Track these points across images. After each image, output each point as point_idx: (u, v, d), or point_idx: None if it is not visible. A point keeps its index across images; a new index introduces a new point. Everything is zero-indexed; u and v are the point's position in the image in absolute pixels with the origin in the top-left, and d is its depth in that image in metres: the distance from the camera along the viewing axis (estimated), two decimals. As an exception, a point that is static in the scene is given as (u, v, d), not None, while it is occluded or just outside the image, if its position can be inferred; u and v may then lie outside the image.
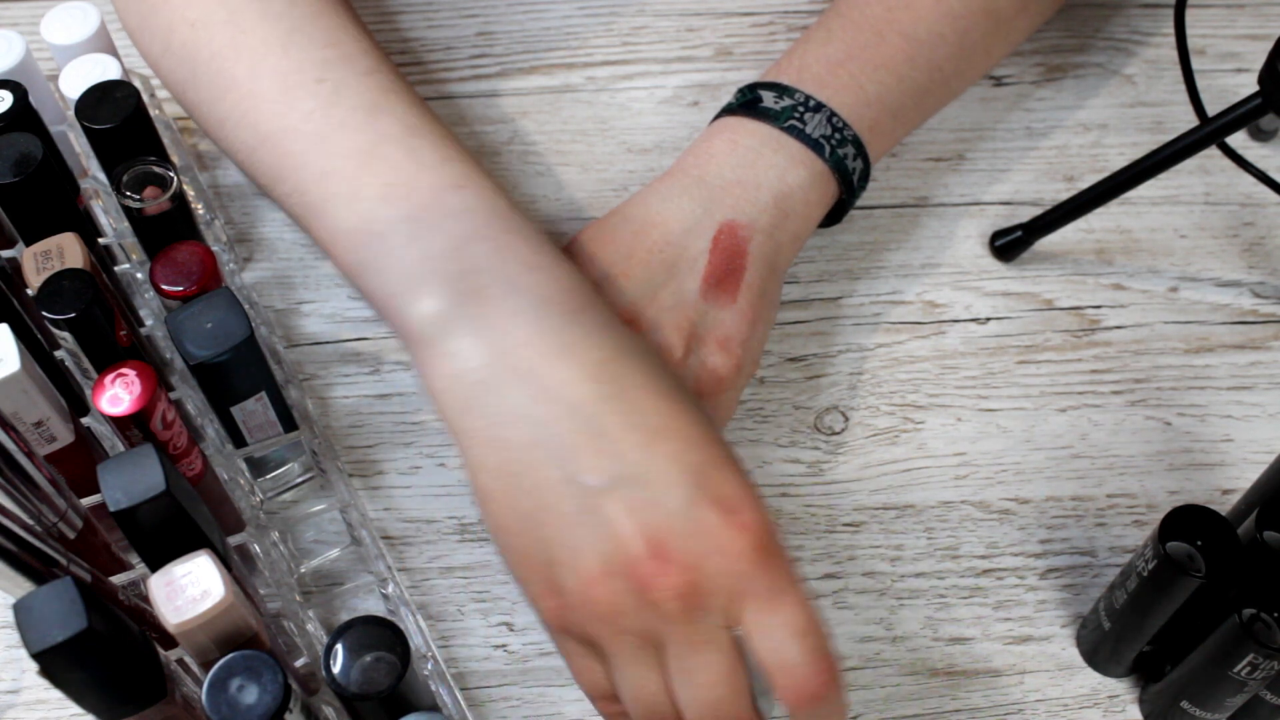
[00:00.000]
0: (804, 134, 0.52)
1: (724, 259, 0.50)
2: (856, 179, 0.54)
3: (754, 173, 0.52)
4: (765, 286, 0.51)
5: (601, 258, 0.50)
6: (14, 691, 0.49)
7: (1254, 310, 0.60)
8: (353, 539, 0.52)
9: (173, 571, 0.38)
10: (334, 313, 0.59)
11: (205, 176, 0.63)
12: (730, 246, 0.50)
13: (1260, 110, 0.51)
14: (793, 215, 0.52)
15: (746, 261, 0.50)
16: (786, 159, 0.52)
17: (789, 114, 0.53)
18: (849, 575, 0.52)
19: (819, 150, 0.52)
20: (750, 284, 0.50)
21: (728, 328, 0.49)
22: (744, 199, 0.51)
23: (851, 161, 0.53)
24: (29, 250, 0.46)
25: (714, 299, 0.49)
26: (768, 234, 0.51)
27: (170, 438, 0.44)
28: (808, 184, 0.52)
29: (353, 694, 0.38)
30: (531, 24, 0.69)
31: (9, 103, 0.49)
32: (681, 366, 0.48)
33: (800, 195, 0.52)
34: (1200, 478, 0.55)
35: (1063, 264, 0.61)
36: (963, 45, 0.57)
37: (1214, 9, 0.70)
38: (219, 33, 0.49)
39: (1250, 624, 0.42)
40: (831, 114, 0.53)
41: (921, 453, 0.55)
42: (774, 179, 0.52)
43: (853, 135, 0.53)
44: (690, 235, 0.50)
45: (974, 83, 0.61)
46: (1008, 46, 0.60)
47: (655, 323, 0.49)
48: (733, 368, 0.49)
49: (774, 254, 0.51)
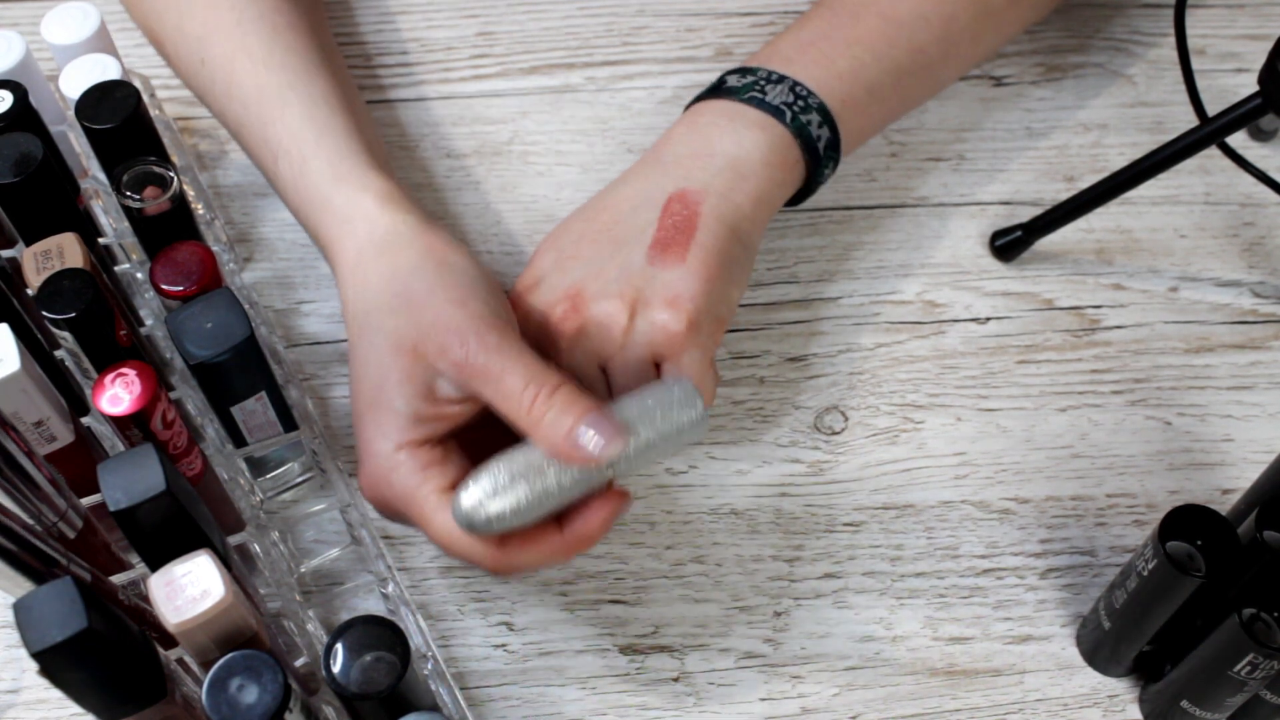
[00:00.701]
0: (763, 102, 0.53)
1: (672, 223, 0.50)
2: (823, 147, 0.53)
3: (708, 143, 0.52)
4: (723, 246, 0.50)
5: (555, 249, 0.51)
6: (14, 691, 0.49)
7: (1254, 310, 0.60)
8: (353, 539, 0.52)
9: (173, 571, 0.38)
10: (334, 313, 0.59)
11: (205, 176, 0.63)
12: (679, 212, 0.50)
13: (1260, 110, 0.51)
14: (750, 176, 0.52)
15: (698, 222, 0.50)
16: (744, 125, 0.52)
17: (749, 88, 0.53)
18: (849, 575, 0.52)
19: (779, 116, 0.52)
20: (702, 243, 0.49)
21: (676, 287, 0.48)
22: (695, 167, 0.51)
23: (816, 129, 0.53)
24: (29, 250, 0.46)
25: (662, 262, 0.49)
26: (722, 195, 0.51)
27: (170, 438, 0.44)
28: (765, 146, 0.52)
29: (353, 694, 0.38)
30: (531, 24, 0.69)
31: (9, 103, 0.49)
32: (628, 333, 0.48)
33: (757, 156, 0.52)
34: (1200, 478, 0.55)
35: (1063, 264, 0.61)
36: (948, 30, 0.57)
37: (1214, 9, 0.70)
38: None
39: (1250, 624, 0.42)
40: (795, 84, 0.53)
41: (921, 453, 0.55)
42: (729, 145, 0.52)
43: (818, 103, 0.53)
44: (639, 210, 0.51)
45: (965, 71, 0.61)
46: (999, 36, 0.60)
47: (599, 294, 0.49)
48: (684, 323, 0.48)
49: (732, 214, 0.51)
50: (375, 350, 0.46)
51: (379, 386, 0.45)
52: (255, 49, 0.52)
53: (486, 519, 0.42)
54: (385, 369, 0.45)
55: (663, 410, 0.44)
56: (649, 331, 0.48)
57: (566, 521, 0.44)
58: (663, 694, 0.49)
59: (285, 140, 0.51)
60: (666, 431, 0.44)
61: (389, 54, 0.68)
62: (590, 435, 0.42)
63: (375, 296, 0.47)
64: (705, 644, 0.51)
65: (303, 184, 0.50)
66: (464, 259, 0.47)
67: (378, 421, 0.45)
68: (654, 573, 0.52)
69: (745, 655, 0.50)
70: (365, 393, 0.46)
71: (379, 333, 0.46)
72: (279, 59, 0.52)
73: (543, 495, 0.42)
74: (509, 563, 0.44)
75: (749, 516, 0.54)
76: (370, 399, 0.46)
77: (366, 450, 0.46)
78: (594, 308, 0.49)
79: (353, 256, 0.48)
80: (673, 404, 0.44)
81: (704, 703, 0.49)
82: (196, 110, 0.65)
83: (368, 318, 0.47)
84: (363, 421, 0.46)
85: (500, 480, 0.42)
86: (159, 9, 0.56)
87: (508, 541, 0.44)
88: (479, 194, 0.63)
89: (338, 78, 0.54)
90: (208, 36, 0.54)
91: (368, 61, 0.68)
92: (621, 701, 0.49)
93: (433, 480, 0.44)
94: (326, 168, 0.50)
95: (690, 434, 0.44)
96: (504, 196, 0.63)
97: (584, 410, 0.42)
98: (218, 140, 0.64)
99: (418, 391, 0.45)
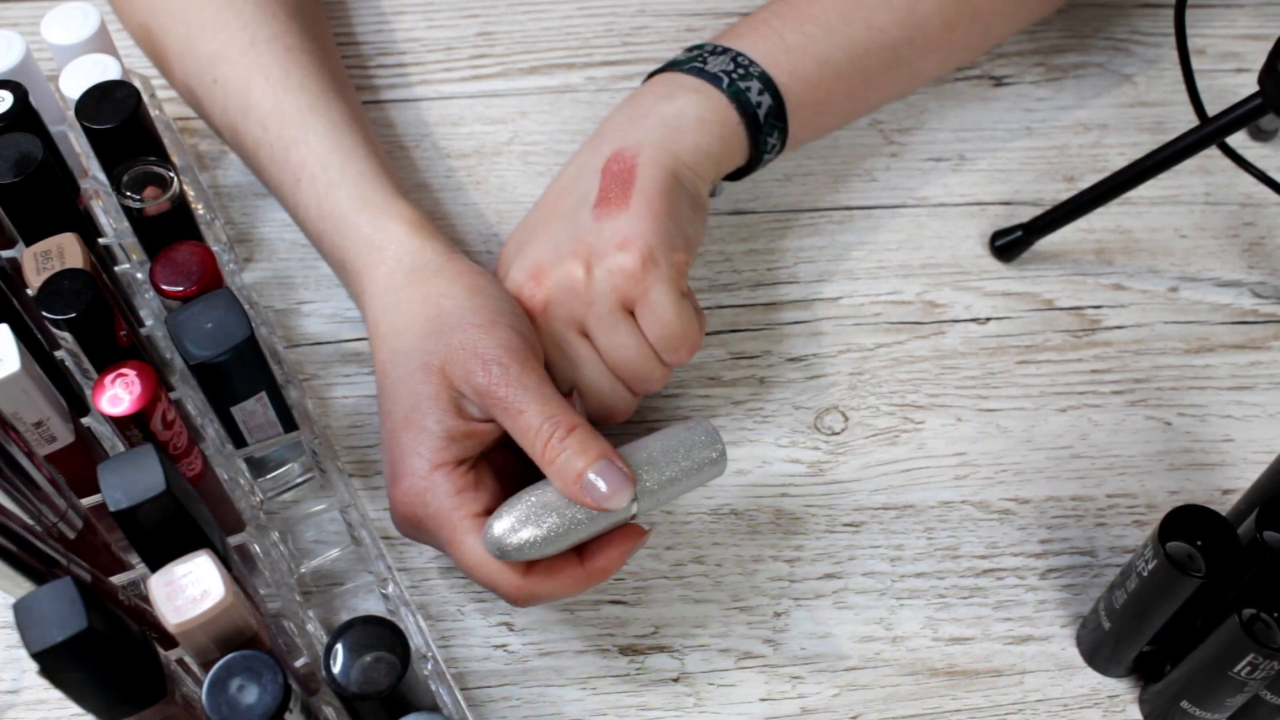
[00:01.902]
0: (702, 71, 0.54)
1: (611, 179, 0.51)
2: (764, 114, 0.54)
3: (642, 109, 0.53)
4: (665, 188, 0.51)
5: (514, 241, 0.53)
6: (14, 691, 0.49)
7: (1254, 310, 0.60)
8: (353, 539, 0.52)
9: (173, 571, 0.38)
10: (334, 313, 0.59)
11: (205, 176, 0.63)
12: (617, 168, 0.51)
13: (1260, 110, 0.51)
14: (685, 130, 0.52)
15: (636, 172, 0.51)
16: (679, 90, 0.53)
17: (691, 60, 0.54)
18: (849, 575, 0.52)
19: (716, 82, 0.53)
20: (643, 187, 0.50)
21: (624, 230, 0.49)
22: (629, 129, 0.52)
23: (756, 95, 0.53)
24: (29, 250, 0.46)
25: (606, 214, 0.50)
26: (658, 146, 0.51)
27: (170, 438, 0.44)
28: (700, 106, 0.53)
29: (353, 694, 0.38)
30: (531, 24, 0.69)
31: (9, 103, 0.49)
32: (589, 287, 0.49)
33: (691, 114, 0.53)
34: (1200, 478, 0.55)
35: (1063, 264, 0.61)
36: (912, 12, 0.57)
37: (1214, 9, 0.70)
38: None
39: (1250, 624, 0.42)
40: (737, 54, 0.54)
41: (921, 453, 0.55)
42: (664, 107, 0.53)
43: (760, 72, 0.54)
44: (580, 179, 0.52)
45: (948, 62, 0.61)
46: (978, 25, 0.60)
47: (555, 261, 0.50)
48: (637, 260, 0.49)
49: (671, 161, 0.51)
50: (407, 372, 0.47)
51: (412, 407, 0.47)
52: (272, 70, 0.53)
53: (517, 546, 0.44)
54: (417, 390, 0.47)
55: (684, 450, 0.46)
56: (608, 279, 0.49)
57: (587, 555, 0.46)
58: (663, 694, 0.49)
59: (310, 163, 0.52)
60: (687, 469, 0.46)
61: (389, 54, 0.68)
62: (600, 483, 0.44)
63: (407, 321, 0.48)
64: (705, 644, 0.51)
65: (327, 207, 0.51)
66: (493, 285, 0.49)
67: (413, 442, 0.46)
68: (654, 573, 0.52)
69: (745, 655, 0.50)
70: (398, 414, 0.47)
71: (411, 355, 0.47)
72: (296, 81, 0.53)
73: (570, 527, 0.44)
74: (531, 592, 0.45)
75: (749, 517, 0.54)
76: (403, 419, 0.47)
77: (401, 469, 0.47)
78: (553, 274, 0.50)
79: (383, 282, 0.50)
80: (694, 444, 0.46)
81: (704, 703, 0.49)
82: (196, 110, 0.65)
83: (399, 340, 0.48)
84: (397, 441, 0.47)
85: (531, 511, 0.44)
86: (165, 26, 0.56)
87: (531, 571, 0.45)
88: (479, 194, 0.63)
89: (352, 101, 0.55)
90: (220, 55, 0.54)
91: (367, 62, 0.68)
92: (621, 701, 0.49)
93: (466, 505, 0.46)
94: (354, 192, 0.51)
95: (710, 472, 0.46)
96: (504, 196, 0.63)
97: (596, 456, 0.44)
98: (218, 140, 0.64)
99: (448, 411, 0.46)
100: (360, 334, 0.59)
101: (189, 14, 0.55)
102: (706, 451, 0.46)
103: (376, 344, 0.49)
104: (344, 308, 0.59)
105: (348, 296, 0.59)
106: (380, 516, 0.53)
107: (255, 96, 0.53)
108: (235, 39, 0.54)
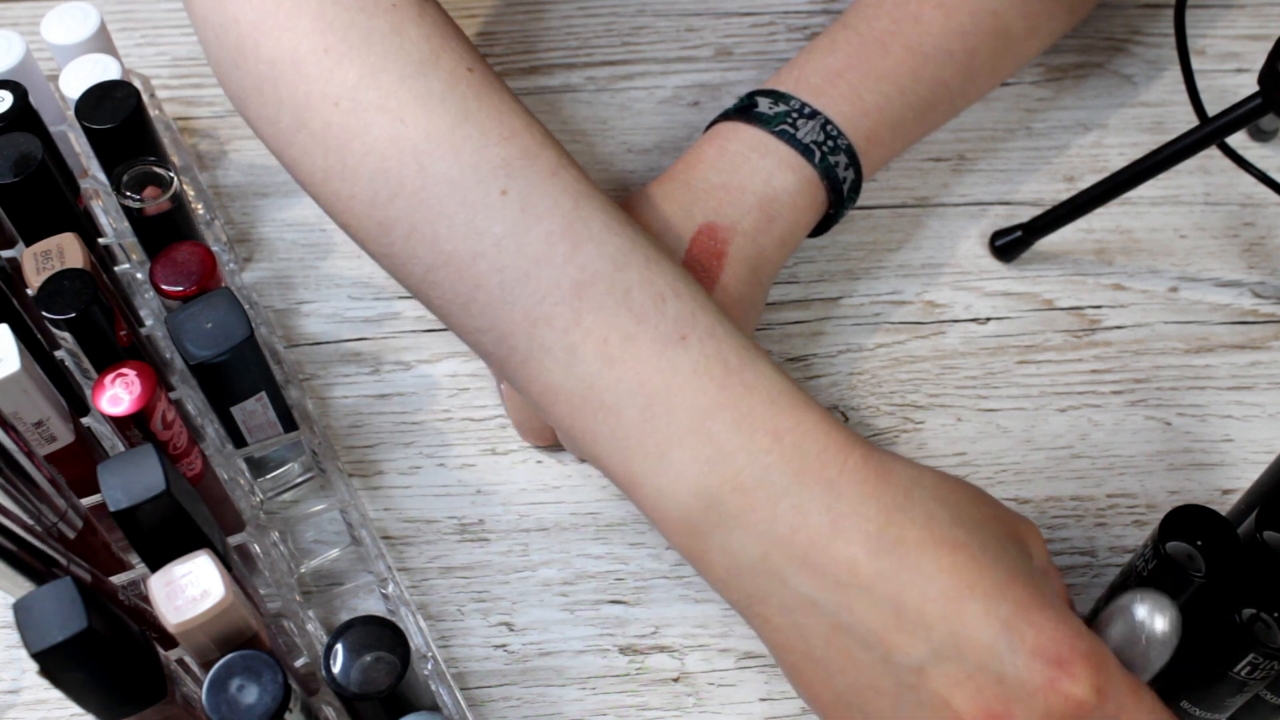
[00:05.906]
0: (794, 139, 0.52)
1: (699, 260, 0.49)
2: (847, 189, 0.53)
3: (739, 176, 0.51)
4: (744, 290, 0.50)
5: None
6: (14, 691, 0.49)
7: (1254, 310, 0.60)
8: (353, 539, 0.52)
9: (173, 571, 0.38)
10: (334, 313, 0.59)
11: (205, 176, 0.63)
12: (707, 247, 0.50)
13: (1260, 110, 0.51)
14: (778, 219, 0.51)
15: (723, 263, 0.49)
16: (775, 162, 0.52)
17: (781, 119, 0.52)
18: (849, 575, 0.52)
19: (809, 155, 0.52)
20: (725, 286, 0.49)
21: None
22: (726, 201, 0.51)
23: (843, 171, 0.53)
24: (29, 250, 0.46)
25: None
26: (750, 236, 0.50)
27: (170, 438, 0.44)
28: (795, 189, 0.52)
29: (353, 694, 0.38)
30: (531, 24, 0.69)
31: (9, 103, 0.49)
32: None
33: (787, 199, 0.51)
34: (1200, 478, 0.55)
35: (1063, 264, 0.61)
36: (970, 64, 0.56)
37: (1214, 9, 0.70)
38: (374, 121, 0.43)
39: (1250, 624, 0.42)
40: (826, 121, 0.52)
41: (921, 453, 0.55)
42: (759, 182, 0.51)
43: (846, 144, 0.53)
44: (664, 235, 0.50)
45: (977, 100, 0.61)
46: (1014, 66, 0.60)
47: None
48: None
49: (756, 257, 0.50)
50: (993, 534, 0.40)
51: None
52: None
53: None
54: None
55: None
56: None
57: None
58: (663, 694, 0.49)
59: (685, 318, 0.42)
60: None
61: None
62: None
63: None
64: (705, 644, 0.51)
65: (716, 371, 0.41)
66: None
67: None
68: (654, 573, 0.52)
69: (745, 655, 0.50)
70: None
71: (987, 526, 0.40)
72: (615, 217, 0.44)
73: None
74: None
75: (749, 516, 0.54)
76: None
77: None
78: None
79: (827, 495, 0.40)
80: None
81: (704, 703, 0.49)
82: (196, 110, 0.65)
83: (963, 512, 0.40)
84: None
85: None
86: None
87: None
88: (479, 194, 0.63)
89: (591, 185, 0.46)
90: (510, 166, 0.43)
91: (368, 61, 0.67)
92: (621, 702, 0.49)
93: None
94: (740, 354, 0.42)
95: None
96: (504, 196, 0.63)
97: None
98: (217, 140, 0.64)
99: None
100: (360, 334, 0.58)
101: None
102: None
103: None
104: (344, 307, 0.59)
105: (348, 296, 0.59)
106: (380, 516, 0.53)
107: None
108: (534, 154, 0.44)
